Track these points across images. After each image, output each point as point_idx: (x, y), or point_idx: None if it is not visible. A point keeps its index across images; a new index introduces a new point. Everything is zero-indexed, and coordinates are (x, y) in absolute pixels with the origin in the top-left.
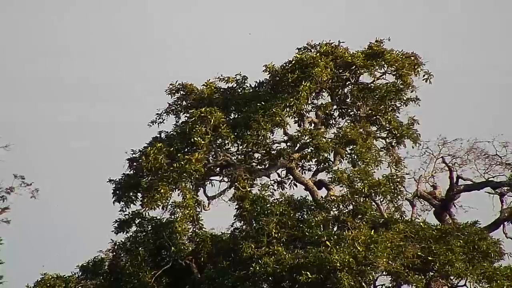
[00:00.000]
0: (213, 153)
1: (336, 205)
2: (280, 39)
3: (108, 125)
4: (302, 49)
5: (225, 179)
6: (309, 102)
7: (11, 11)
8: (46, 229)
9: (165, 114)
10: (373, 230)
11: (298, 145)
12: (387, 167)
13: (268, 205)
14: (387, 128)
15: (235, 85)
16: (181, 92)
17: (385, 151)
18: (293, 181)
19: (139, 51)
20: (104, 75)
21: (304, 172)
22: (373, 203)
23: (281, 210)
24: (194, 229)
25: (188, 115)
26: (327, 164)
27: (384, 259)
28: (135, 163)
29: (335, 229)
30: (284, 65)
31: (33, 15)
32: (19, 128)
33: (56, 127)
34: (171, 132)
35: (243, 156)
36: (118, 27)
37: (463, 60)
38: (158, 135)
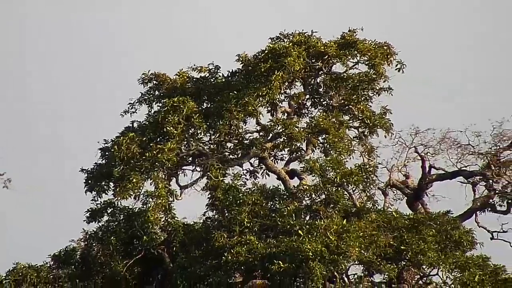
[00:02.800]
0: (185, 142)
1: (308, 195)
2: (253, 29)
3: (80, 114)
4: (275, 38)
5: (198, 168)
6: (282, 91)
7: None
8: (17, 219)
9: (137, 103)
10: (345, 220)
11: (270, 134)
12: (360, 156)
13: (240, 195)
14: (360, 118)
15: (208, 74)
16: (154, 81)
17: (357, 140)
18: (265, 171)
19: (111, 41)
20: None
21: (277, 162)
22: (346, 193)
23: (253, 199)
24: (166, 218)
25: (160, 104)
26: (299, 153)
27: (356, 248)
28: (107, 153)
29: (307, 218)
30: (257, 54)
31: None
32: None
33: (27, 116)
34: (144, 122)
35: (215, 146)
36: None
37: (435, 49)
38: (131, 125)
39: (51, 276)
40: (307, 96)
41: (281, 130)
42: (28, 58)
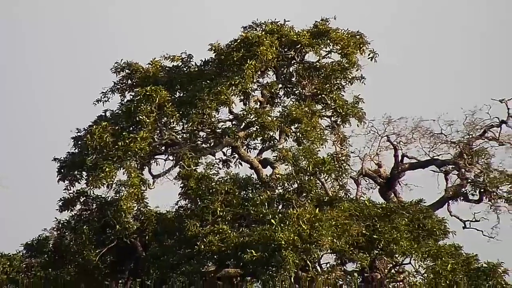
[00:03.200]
0: (158, 131)
1: (281, 184)
2: (225, 18)
3: (52, 102)
4: (247, 27)
5: (170, 157)
6: (255, 80)
7: None
8: None
9: (110, 92)
10: (318, 208)
11: (243, 123)
12: (332, 145)
13: (213, 184)
14: (332, 107)
15: (181, 63)
16: (126, 70)
17: (330, 129)
18: (238, 160)
19: (85, 30)
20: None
21: (250, 151)
22: (318, 182)
23: (226, 188)
24: (139, 207)
25: (133, 93)
26: (272, 142)
27: (329, 237)
28: (80, 142)
29: (280, 207)
30: (230, 43)
31: None
32: None
33: None
34: (116, 111)
35: (188, 135)
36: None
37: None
38: (103, 114)
39: (24, 265)
40: (280, 85)
41: (253, 119)
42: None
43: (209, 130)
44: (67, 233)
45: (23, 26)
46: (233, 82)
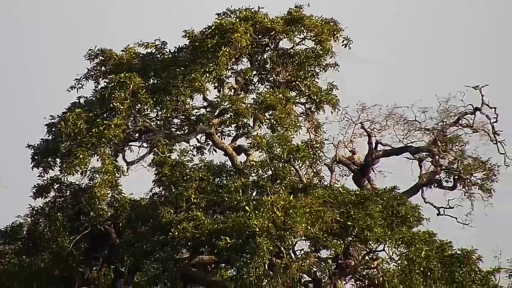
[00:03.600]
0: (132, 118)
1: (255, 171)
2: (199, 4)
3: (26, 89)
4: (221, 14)
5: (144, 144)
6: (229, 67)
7: None
8: None
9: (84, 79)
10: (292, 195)
11: (217, 110)
12: (306, 132)
13: (187, 171)
14: (306, 94)
15: (154, 50)
16: (100, 57)
17: (304, 116)
18: (212, 147)
19: (59, 16)
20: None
21: (224, 138)
22: (292, 169)
23: (200, 175)
24: (113, 194)
25: (107, 80)
26: (246, 129)
27: (303, 224)
28: (53, 129)
29: (254, 194)
30: (204, 30)
31: None
32: None
33: None
34: (90, 98)
35: (162, 122)
36: None
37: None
38: (77, 101)
39: None
40: (254, 72)
41: (228, 106)
42: None
43: (183, 117)
44: (41, 220)
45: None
46: (207, 69)
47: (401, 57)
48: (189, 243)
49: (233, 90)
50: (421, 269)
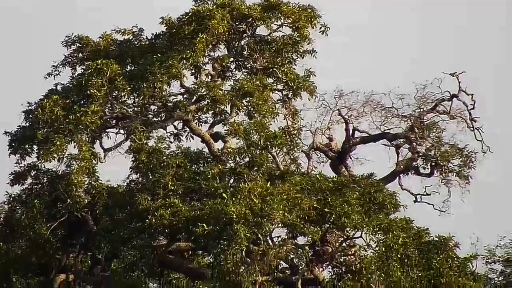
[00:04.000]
0: (109, 105)
1: (232, 157)
2: None
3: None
4: (198, 1)
5: (121, 131)
6: (206, 54)
7: None
8: None
9: (61, 66)
10: (269, 182)
11: (194, 97)
12: (284, 119)
13: (164, 158)
14: (284, 80)
15: (132, 37)
16: (77, 44)
17: (281, 103)
18: (189, 134)
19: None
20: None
21: (201, 125)
22: (270, 155)
23: (177, 162)
24: (90, 181)
25: (84, 67)
26: (223, 116)
27: (280, 211)
28: (31, 115)
29: (231, 181)
30: (181, 17)
31: None
32: None
33: None
34: (67, 85)
35: (139, 108)
36: None
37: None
38: (54, 87)
39: None
40: (231, 59)
41: (205, 93)
42: None
43: (160, 104)
44: (18, 207)
45: None
46: (184, 56)
47: (378, 43)
48: (166, 230)
49: (210, 77)
50: (398, 256)
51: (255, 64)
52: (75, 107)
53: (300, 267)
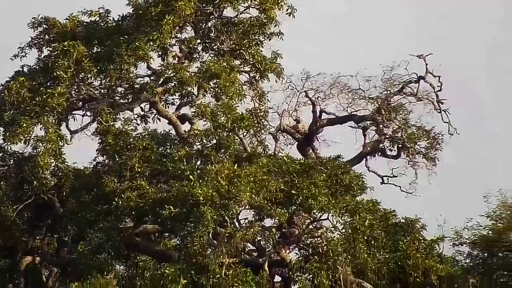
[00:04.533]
0: (75, 87)
1: (199, 139)
2: None
3: None
4: None
5: (88, 113)
6: (173, 36)
7: None
8: None
9: (27, 48)
10: (236, 164)
11: (161, 79)
12: (251, 101)
13: (131, 140)
14: (251, 62)
15: (98, 19)
16: (44, 26)
17: (248, 85)
18: (156, 116)
19: None
20: None
21: (168, 106)
22: (237, 137)
23: (144, 144)
24: (56, 163)
25: (50, 49)
26: (190, 98)
27: (247, 193)
28: None
29: (198, 163)
30: None
31: None
32: None
33: None
34: (34, 66)
35: (106, 90)
36: None
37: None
38: (21, 69)
39: None
40: (198, 41)
41: (172, 75)
42: None
43: (127, 86)
44: None
45: None
46: (151, 38)
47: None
48: (133, 213)
49: (177, 59)
50: (365, 238)
51: (222, 46)
52: (41, 89)
53: (267, 249)
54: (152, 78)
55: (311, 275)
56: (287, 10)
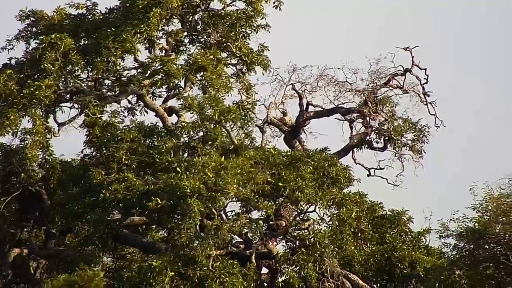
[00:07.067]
0: (63, 79)
1: (186, 132)
2: None
3: None
4: None
5: (75, 105)
6: (160, 28)
7: None
8: None
9: (15, 40)
10: (223, 157)
11: (148, 71)
12: (238, 93)
13: (118, 132)
14: (238, 55)
15: (85, 11)
16: (31, 18)
17: (235, 77)
18: (143, 108)
19: None
20: None
21: (155, 99)
22: (224, 130)
23: (131, 136)
24: (44, 155)
25: (38, 41)
26: (177, 90)
27: (234, 185)
28: None
29: (185, 155)
30: None
31: None
32: None
33: None
34: (21, 59)
35: (93, 83)
36: None
37: None
38: (8, 62)
39: None
40: (185, 33)
41: (159, 67)
42: None
43: (114, 78)
44: None
45: None
46: (138, 30)
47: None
48: (120, 205)
49: (164, 51)
50: (352, 230)
51: (209, 39)
52: (29, 81)
53: (254, 241)
54: (139, 70)
55: (298, 267)
56: (274, 3)
